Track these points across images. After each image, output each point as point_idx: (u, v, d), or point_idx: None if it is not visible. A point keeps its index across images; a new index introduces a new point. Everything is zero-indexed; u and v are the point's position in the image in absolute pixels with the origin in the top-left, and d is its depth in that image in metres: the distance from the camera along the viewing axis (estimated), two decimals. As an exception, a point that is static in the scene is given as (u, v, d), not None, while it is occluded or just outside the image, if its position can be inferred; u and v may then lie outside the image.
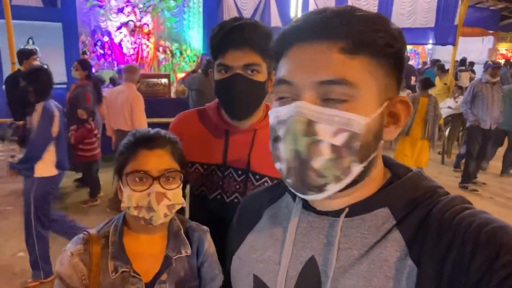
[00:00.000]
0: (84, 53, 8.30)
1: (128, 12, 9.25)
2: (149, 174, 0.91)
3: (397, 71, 0.55)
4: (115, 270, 0.93)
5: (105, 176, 4.42)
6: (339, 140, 0.51)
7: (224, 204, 1.19)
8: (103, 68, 9.09)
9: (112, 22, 9.21)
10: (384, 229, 0.55)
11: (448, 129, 6.52)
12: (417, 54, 14.85)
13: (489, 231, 0.47)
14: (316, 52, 0.52)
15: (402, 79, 0.57)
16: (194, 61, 9.82)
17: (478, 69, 10.18)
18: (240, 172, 1.18)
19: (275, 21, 8.47)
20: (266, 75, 1.13)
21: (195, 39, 10.00)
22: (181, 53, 10.09)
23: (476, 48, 12.49)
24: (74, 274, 0.91)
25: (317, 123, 0.51)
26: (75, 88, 4.43)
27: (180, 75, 8.80)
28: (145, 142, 0.94)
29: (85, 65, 4.51)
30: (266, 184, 1.17)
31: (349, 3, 8.35)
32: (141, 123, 3.98)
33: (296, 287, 0.59)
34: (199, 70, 5.63)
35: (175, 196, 0.95)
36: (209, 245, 1.05)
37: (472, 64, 10.50)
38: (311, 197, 0.56)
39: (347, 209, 0.57)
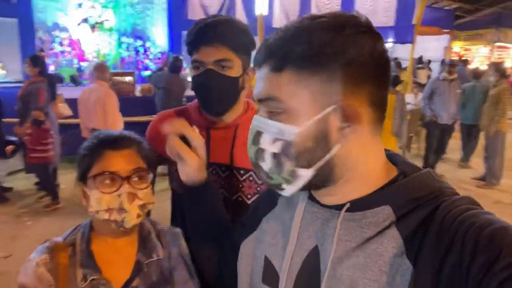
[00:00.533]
0: (41, 50, 7.92)
1: (88, 7, 8.90)
2: (118, 174, 0.88)
3: (335, 73, 0.54)
4: (84, 278, 0.89)
5: (71, 177, 4.27)
6: (277, 147, 0.58)
7: None
8: (62, 66, 8.72)
9: (71, 18, 8.83)
10: (383, 226, 0.56)
11: (406, 123, 6.81)
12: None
13: (489, 233, 0.47)
14: (260, 74, 0.61)
15: (357, 80, 0.55)
16: (159, 58, 9.64)
17: (435, 66, 10.72)
18: (224, 168, 1.19)
19: (240, 18, 8.47)
20: (241, 70, 1.14)
21: (160, 36, 9.81)
22: (145, 51, 9.86)
23: (432, 46, 13.10)
24: (39, 285, 0.88)
25: (263, 133, 0.60)
26: (28, 85, 4.18)
27: (145, 73, 8.63)
28: (110, 143, 0.92)
29: (36, 62, 4.25)
30: (251, 178, 1.17)
31: (312, 2, 8.52)
32: (115, 121, 3.91)
33: (299, 273, 0.63)
34: (166, 68, 5.54)
35: (146, 196, 0.92)
36: (182, 249, 1.02)
37: (429, 62, 11.03)
38: (283, 192, 0.62)
39: (348, 204, 0.59)
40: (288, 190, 0.60)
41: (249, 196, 1.18)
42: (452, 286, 0.48)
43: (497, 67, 5.26)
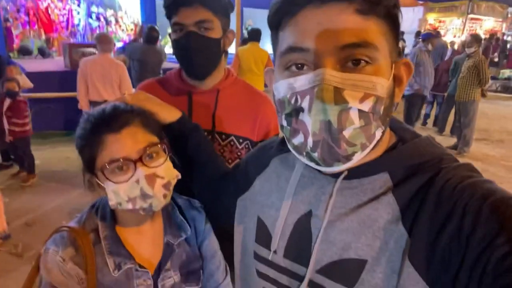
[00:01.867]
0: (6, 20, 7.49)
1: (54, -26, 8.41)
2: (128, 158, 0.77)
3: (397, 34, 0.54)
4: (118, 267, 0.82)
5: (44, 154, 4.18)
6: (367, 105, 0.49)
7: None
8: (29, 37, 8.29)
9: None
10: (379, 192, 0.55)
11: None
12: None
13: (491, 204, 0.45)
14: (332, 14, 0.49)
15: (399, 44, 0.56)
16: (132, 29, 9.31)
17: (409, 38, 10.84)
18: (205, 133, 1.18)
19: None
20: (221, 32, 1.13)
21: (132, 5, 9.41)
22: (116, 21, 9.47)
23: (407, 18, 13.17)
24: (70, 281, 0.80)
25: (345, 90, 0.48)
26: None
27: (118, 44, 8.33)
28: (108, 124, 0.78)
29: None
30: (232, 143, 1.20)
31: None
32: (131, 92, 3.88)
33: (291, 235, 0.63)
34: (140, 39, 5.37)
35: (167, 172, 0.82)
36: (206, 221, 0.98)
37: (402, 33, 11.12)
38: (336, 169, 0.54)
39: (346, 172, 0.57)
40: (355, 159, 0.52)
41: (230, 161, 1.21)
42: (449, 255, 0.47)
43: (476, 38, 5.33)
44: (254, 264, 0.70)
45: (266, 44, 4.64)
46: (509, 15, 14.72)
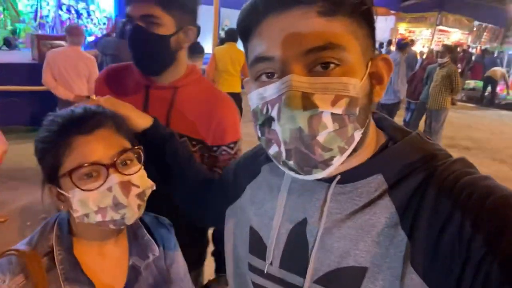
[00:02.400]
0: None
1: (23, -38, 8.05)
2: (100, 163, 0.69)
3: (371, 30, 0.53)
4: None
5: (8, 150, 3.97)
6: (340, 108, 0.48)
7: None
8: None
9: (3, -27, 7.94)
10: (375, 195, 0.54)
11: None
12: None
13: (491, 204, 0.44)
14: (294, 20, 0.48)
15: (375, 41, 0.55)
16: (104, 24, 9.05)
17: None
18: None
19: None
20: (173, 28, 1.07)
21: (105, -1, 9.16)
22: (88, 14, 9.18)
23: (380, 26, 13.48)
24: None
25: (314, 94, 0.47)
26: None
27: (90, 38, 8.08)
28: (78, 125, 0.71)
29: None
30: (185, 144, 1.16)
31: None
32: None
33: (286, 244, 0.61)
34: (113, 34, 5.24)
35: (142, 180, 0.75)
36: (175, 242, 0.91)
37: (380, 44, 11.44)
38: (316, 176, 0.52)
39: (338, 176, 0.56)
40: (335, 163, 0.51)
41: None
42: (450, 259, 0.46)
43: (448, 49, 5.58)
44: (250, 276, 0.67)
45: (242, 46, 4.64)
46: (475, 29, 15.44)
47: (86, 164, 0.69)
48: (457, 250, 0.45)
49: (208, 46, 4.79)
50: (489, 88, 11.13)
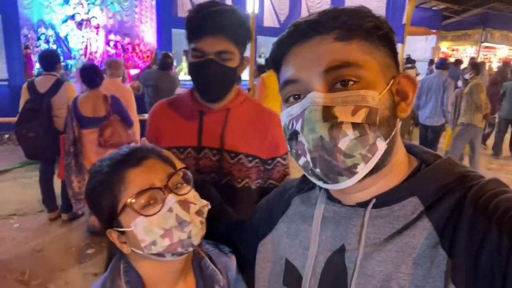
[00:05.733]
0: (26, 47, 7.77)
1: (75, 4, 8.75)
2: (156, 187, 0.72)
3: (392, 51, 0.58)
4: None
5: None
6: (359, 117, 0.51)
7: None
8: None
9: (57, 15, 8.66)
10: (412, 218, 0.54)
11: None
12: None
13: None
14: (313, 46, 0.55)
15: (398, 60, 0.60)
16: (147, 56, 9.54)
17: (421, 66, 10.82)
18: (215, 152, 1.22)
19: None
20: (239, 61, 1.18)
21: (148, 33, 9.70)
22: (133, 48, 9.74)
23: (420, 46, 13.23)
24: None
25: (334, 107, 0.52)
26: None
27: (134, 71, 8.52)
28: (127, 161, 0.75)
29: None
30: (241, 161, 1.21)
31: (303, 2, 8.51)
32: (136, 120, 3.92)
33: (324, 273, 0.61)
34: (154, 66, 5.47)
35: (197, 199, 0.77)
36: (236, 268, 0.90)
37: (413, 61, 11.15)
38: (343, 184, 0.54)
39: (374, 200, 0.57)
40: (361, 172, 0.53)
41: (239, 180, 1.22)
42: (491, 274, 0.46)
43: (472, 64, 5.43)
44: None
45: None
46: (524, 44, 14.63)
47: (144, 190, 0.71)
48: (497, 265, 0.46)
49: (245, 72, 4.86)
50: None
